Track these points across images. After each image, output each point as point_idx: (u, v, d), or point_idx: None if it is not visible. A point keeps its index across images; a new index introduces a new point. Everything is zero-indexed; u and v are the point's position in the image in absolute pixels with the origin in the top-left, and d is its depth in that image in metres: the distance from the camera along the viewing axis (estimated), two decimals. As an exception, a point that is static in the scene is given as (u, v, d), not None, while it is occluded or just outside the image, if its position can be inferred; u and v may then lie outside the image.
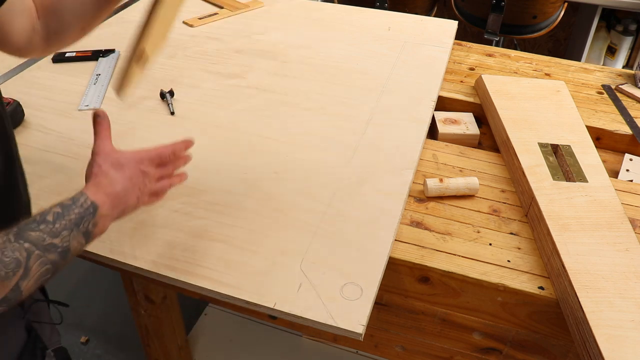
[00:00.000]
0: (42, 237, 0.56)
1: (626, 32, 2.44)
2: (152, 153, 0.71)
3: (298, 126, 1.06)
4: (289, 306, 0.71)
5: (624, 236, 0.82)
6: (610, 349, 0.67)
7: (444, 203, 0.94)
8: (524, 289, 0.80)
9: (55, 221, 0.58)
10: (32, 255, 0.55)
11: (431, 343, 0.97)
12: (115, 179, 0.66)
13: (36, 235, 0.56)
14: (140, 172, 0.69)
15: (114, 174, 0.67)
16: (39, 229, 0.57)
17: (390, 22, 1.47)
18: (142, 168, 0.69)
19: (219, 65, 1.26)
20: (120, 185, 0.66)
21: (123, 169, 0.68)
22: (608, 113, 1.18)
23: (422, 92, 1.17)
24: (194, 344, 1.61)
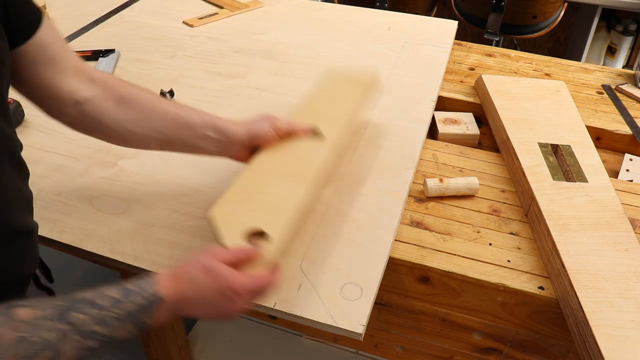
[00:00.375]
0: (87, 322, 0.51)
1: (626, 32, 2.44)
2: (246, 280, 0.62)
3: (298, 126, 1.06)
4: (289, 306, 0.71)
5: (624, 236, 0.82)
6: (610, 349, 0.67)
7: (444, 203, 0.94)
8: (524, 289, 0.80)
9: (110, 308, 0.53)
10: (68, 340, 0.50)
11: (431, 343, 0.97)
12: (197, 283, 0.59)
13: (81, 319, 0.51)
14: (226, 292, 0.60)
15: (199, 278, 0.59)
16: (88, 312, 0.52)
17: (390, 22, 1.47)
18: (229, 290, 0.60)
19: (219, 65, 1.26)
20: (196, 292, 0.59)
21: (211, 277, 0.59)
22: (608, 113, 1.18)
23: (422, 92, 1.17)
24: (194, 344, 1.61)
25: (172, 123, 0.75)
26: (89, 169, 0.94)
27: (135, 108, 0.74)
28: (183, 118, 0.76)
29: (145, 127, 0.75)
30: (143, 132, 0.75)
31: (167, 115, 0.75)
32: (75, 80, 0.71)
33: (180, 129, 0.76)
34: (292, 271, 0.76)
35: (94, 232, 0.82)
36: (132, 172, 0.94)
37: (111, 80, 0.75)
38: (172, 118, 0.75)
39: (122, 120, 0.74)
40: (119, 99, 0.74)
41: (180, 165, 0.95)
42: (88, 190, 0.90)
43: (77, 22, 1.43)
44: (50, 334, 0.49)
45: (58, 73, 0.69)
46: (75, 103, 0.71)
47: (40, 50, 0.66)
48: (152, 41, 1.36)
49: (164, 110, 0.75)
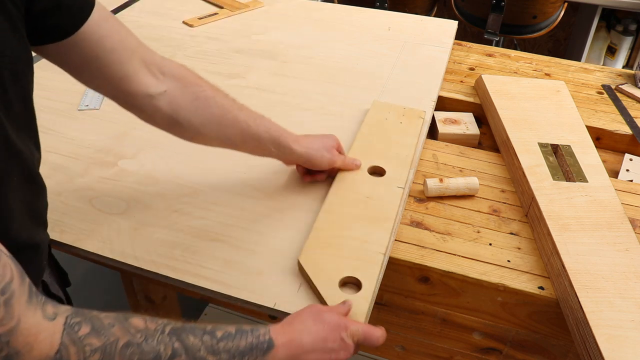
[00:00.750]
0: (198, 346, 0.52)
1: (626, 32, 2.44)
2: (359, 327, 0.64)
3: (298, 126, 1.06)
4: (289, 306, 0.71)
5: (624, 236, 0.82)
6: (610, 349, 0.67)
7: (444, 203, 0.94)
8: (524, 289, 0.80)
9: (222, 339, 0.53)
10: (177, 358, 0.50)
11: (431, 343, 0.97)
12: (309, 330, 0.59)
13: (193, 342, 0.51)
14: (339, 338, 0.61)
15: (311, 325, 0.60)
16: (201, 338, 0.52)
17: (390, 22, 1.47)
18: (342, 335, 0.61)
19: (219, 65, 1.26)
20: (310, 338, 0.59)
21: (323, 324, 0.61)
22: (608, 113, 1.18)
23: (422, 92, 1.17)
24: (194, 344, 1.61)
25: (240, 133, 0.77)
26: (89, 169, 0.94)
27: (208, 111, 0.74)
28: (251, 130, 0.77)
29: (215, 131, 0.76)
30: (212, 136, 0.76)
31: (237, 125, 0.76)
32: (145, 73, 0.69)
33: (247, 140, 0.78)
34: (292, 271, 0.76)
35: (94, 232, 0.82)
36: (132, 172, 0.94)
37: (183, 75, 0.73)
38: (242, 129, 0.77)
39: (194, 121, 0.73)
40: (193, 97, 0.73)
41: (180, 165, 0.95)
42: (88, 190, 0.90)
43: (77, 22, 1.43)
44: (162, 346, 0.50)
45: (123, 65, 0.66)
46: (148, 97, 0.70)
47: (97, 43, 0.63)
48: (152, 41, 1.36)
49: (235, 119, 0.76)
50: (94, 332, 0.48)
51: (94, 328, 0.48)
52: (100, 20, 0.63)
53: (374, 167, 0.92)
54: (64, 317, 0.48)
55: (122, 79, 0.67)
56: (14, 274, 0.45)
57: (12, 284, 0.44)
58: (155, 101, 0.70)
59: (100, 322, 0.49)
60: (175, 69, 0.73)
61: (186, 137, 0.77)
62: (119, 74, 0.67)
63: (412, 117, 1.05)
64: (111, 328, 0.49)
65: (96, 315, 0.50)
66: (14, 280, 0.45)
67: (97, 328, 0.48)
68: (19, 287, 0.45)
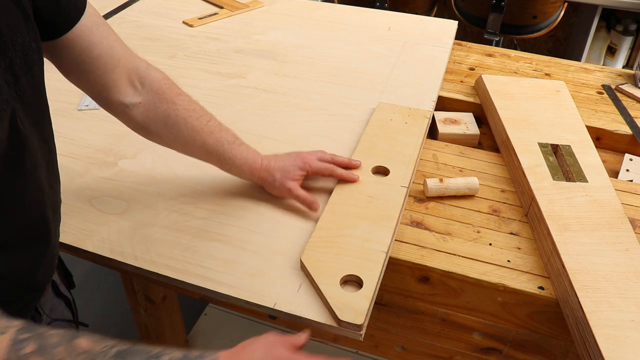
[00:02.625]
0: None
1: (626, 32, 2.44)
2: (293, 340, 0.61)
3: (298, 126, 1.06)
4: (289, 306, 0.71)
5: (624, 236, 0.82)
6: (610, 349, 0.67)
7: (444, 203, 0.94)
8: (524, 289, 0.80)
9: None
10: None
11: (431, 343, 0.97)
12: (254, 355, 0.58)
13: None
14: None
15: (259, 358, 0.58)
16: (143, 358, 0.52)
17: (390, 22, 1.47)
18: None
19: (219, 65, 1.26)
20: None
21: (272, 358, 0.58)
22: (608, 113, 1.18)
23: (422, 92, 1.17)
24: (194, 344, 1.61)
25: (206, 154, 0.82)
26: (89, 169, 0.94)
27: (177, 130, 0.78)
28: (216, 153, 0.82)
29: (182, 148, 0.82)
30: (180, 150, 0.82)
31: (203, 148, 0.81)
32: (125, 83, 0.73)
33: (211, 159, 0.83)
34: (292, 271, 0.76)
35: (94, 232, 0.82)
36: (132, 172, 0.94)
37: (162, 90, 0.77)
38: (207, 151, 0.81)
39: (163, 135, 0.79)
40: (164, 116, 0.77)
41: (180, 165, 0.95)
42: (88, 190, 0.90)
43: (77, 22, 1.43)
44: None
45: (106, 73, 0.70)
46: (123, 105, 0.74)
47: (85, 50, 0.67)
48: (152, 41, 1.36)
49: (203, 143, 0.80)
50: (39, 350, 0.48)
51: (40, 347, 0.48)
52: (92, 26, 0.67)
53: (377, 167, 0.93)
54: (13, 332, 0.48)
55: (103, 85, 0.71)
56: None
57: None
58: (129, 110, 0.75)
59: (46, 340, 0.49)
60: (156, 82, 0.76)
61: (157, 142, 0.82)
62: (101, 81, 0.70)
63: (417, 117, 1.05)
64: (56, 347, 0.49)
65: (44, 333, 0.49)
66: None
67: (42, 347, 0.48)
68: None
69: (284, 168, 0.85)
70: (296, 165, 0.85)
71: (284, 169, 0.85)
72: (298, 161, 0.86)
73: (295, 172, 0.85)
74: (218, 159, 0.82)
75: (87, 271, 1.88)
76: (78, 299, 0.86)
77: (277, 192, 0.86)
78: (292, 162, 0.86)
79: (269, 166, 0.85)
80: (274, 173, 0.85)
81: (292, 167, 0.85)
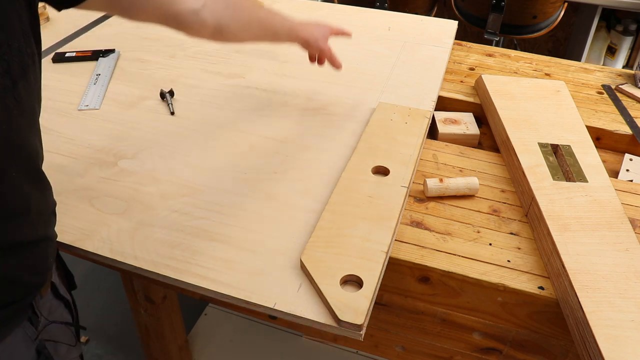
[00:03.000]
0: None
1: (626, 32, 2.44)
2: None
3: (298, 126, 1.06)
4: (289, 306, 0.71)
5: (624, 236, 0.82)
6: (610, 349, 0.67)
7: (444, 203, 0.94)
8: (524, 289, 0.80)
9: None
10: None
11: (431, 343, 0.97)
12: None
13: None
14: None
15: None
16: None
17: (390, 22, 1.47)
18: None
19: (219, 65, 1.26)
20: None
21: None
22: (608, 113, 1.18)
23: (422, 92, 1.17)
24: (194, 344, 1.61)
25: (264, 31, 0.92)
26: (89, 169, 0.94)
27: (238, 15, 0.85)
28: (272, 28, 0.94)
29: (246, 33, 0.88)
30: (243, 37, 0.89)
31: (262, 25, 0.91)
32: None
33: (269, 36, 0.95)
34: (292, 271, 0.76)
35: (94, 232, 0.82)
36: (132, 172, 0.94)
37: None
38: (265, 27, 0.92)
39: (232, 26, 0.84)
40: (225, 5, 0.82)
41: (180, 165, 0.95)
42: (88, 190, 0.90)
43: (77, 22, 1.43)
44: None
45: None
46: (194, 13, 0.77)
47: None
48: (152, 41, 1.36)
49: (259, 19, 0.90)
50: None
51: None
52: None
53: (377, 167, 0.93)
54: None
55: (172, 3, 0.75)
56: None
57: None
58: (201, 14, 0.78)
59: None
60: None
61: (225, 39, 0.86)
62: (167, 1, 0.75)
63: (417, 117, 1.05)
64: None
65: None
66: None
67: None
68: None
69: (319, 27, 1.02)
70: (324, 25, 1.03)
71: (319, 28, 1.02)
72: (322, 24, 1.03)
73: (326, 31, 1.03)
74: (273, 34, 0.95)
75: (87, 271, 1.88)
76: (78, 299, 0.86)
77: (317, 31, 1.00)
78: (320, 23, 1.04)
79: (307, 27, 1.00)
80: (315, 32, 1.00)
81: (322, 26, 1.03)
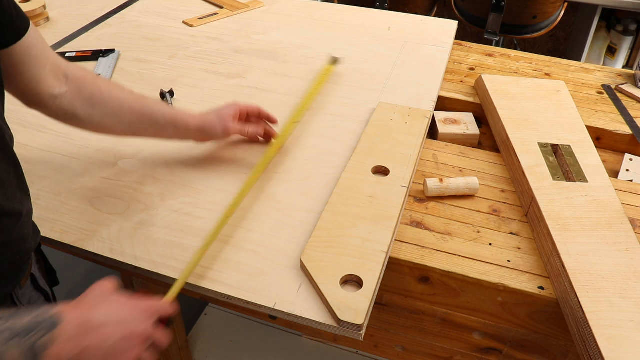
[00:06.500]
0: None
1: (626, 32, 2.44)
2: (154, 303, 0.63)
3: (298, 126, 1.06)
4: (289, 306, 0.71)
5: (624, 236, 0.82)
6: (610, 349, 0.67)
7: (444, 203, 0.94)
8: (524, 289, 0.80)
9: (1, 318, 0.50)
10: None
11: (431, 343, 0.97)
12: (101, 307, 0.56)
13: None
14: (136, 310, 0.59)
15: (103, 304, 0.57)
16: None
17: (390, 22, 1.47)
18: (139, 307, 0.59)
19: (219, 65, 1.26)
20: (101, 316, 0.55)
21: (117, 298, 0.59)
22: (608, 113, 1.18)
23: (422, 92, 1.17)
24: (194, 344, 1.61)
25: (138, 120, 0.85)
26: (89, 169, 0.94)
27: (103, 106, 0.82)
28: (147, 115, 0.85)
29: (114, 122, 0.84)
30: (112, 126, 0.84)
31: (134, 113, 0.84)
32: (52, 77, 0.78)
33: (145, 124, 0.86)
34: (292, 271, 0.76)
35: (94, 232, 0.82)
36: (132, 172, 0.94)
37: (84, 77, 0.82)
38: (138, 115, 0.85)
39: (92, 115, 0.82)
40: (89, 96, 0.81)
41: (180, 165, 0.95)
42: (88, 190, 0.90)
43: (77, 22, 1.43)
44: None
45: (40, 70, 0.75)
46: (52, 97, 0.78)
47: (27, 50, 0.72)
48: (152, 41, 1.36)
49: (130, 109, 0.84)
50: None
51: None
52: (31, 31, 0.72)
53: (377, 167, 0.93)
54: None
55: (36, 81, 0.76)
56: None
57: None
58: (58, 101, 0.79)
59: None
60: (77, 72, 0.82)
61: (89, 129, 0.84)
62: (36, 77, 0.75)
63: (417, 117, 1.05)
64: None
65: None
66: None
67: None
68: None
69: (217, 111, 0.91)
70: (226, 106, 0.92)
71: (217, 112, 0.91)
72: (229, 103, 0.92)
73: (228, 110, 0.91)
74: (150, 122, 0.86)
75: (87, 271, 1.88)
76: (78, 298, 0.86)
77: (219, 134, 0.91)
78: (222, 106, 0.92)
79: (201, 115, 0.90)
80: (209, 117, 0.90)
81: (223, 108, 0.91)
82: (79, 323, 0.53)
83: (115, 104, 0.83)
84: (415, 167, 0.96)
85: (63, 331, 0.52)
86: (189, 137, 0.91)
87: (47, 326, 0.51)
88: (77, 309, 0.55)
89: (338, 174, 0.93)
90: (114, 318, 0.56)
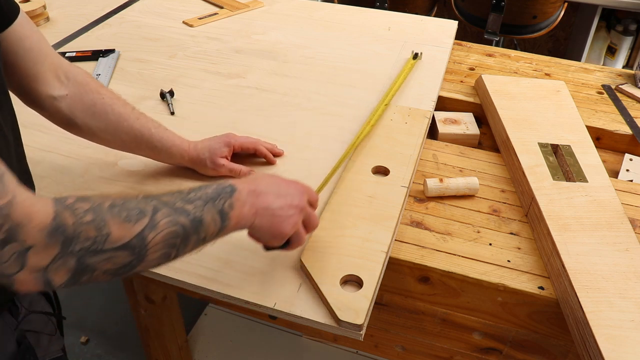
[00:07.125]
0: (173, 200, 0.55)
1: (626, 32, 2.44)
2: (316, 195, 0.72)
3: (298, 126, 1.06)
4: (289, 306, 0.71)
5: (624, 236, 0.82)
6: (610, 349, 0.67)
7: (444, 203, 0.94)
8: (524, 289, 0.80)
9: (189, 192, 0.58)
10: (160, 211, 0.53)
11: (431, 343, 0.97)
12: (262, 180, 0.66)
13: (167, 198, 0.55)
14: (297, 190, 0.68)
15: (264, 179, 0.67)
16: (173, 195, 0.56)
17: (390, 22, 1.47)
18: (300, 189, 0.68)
19: (219, 65, 1.26)
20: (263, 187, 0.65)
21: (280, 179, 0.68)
22: (608, 113, 1.18)
23: (422, 92, 1.17)
24: (194, 344, 1.61)
25: (135, 140, 0.84)
26: (89, 169, 0.94)
27: (103, 119, 0.81)
28: (145, 137, 0.84)
29: (111, 136, 0.83)
30: (108, 140, 0.84)
31: (132, 132, 0.83)
32: (52, 76, 0.76)
33: (141, 146, 0.85)
34: (292, 271, 0.76)
35: (94, 232, 0.82)
36: (132, 172, 0.93)
37: (86, 82, 0.80)
38: (136, 135, 0.84)
39: (91, 126, 0.81)
40: (90, 104, 0.79)
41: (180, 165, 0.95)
42: (88, 190, 0.89)
43: (77, 22, 1.43)
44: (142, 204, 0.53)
45: (35, 65, 0.73)
46: (51, 98, 0.76)
47: (19, 42, 0.70)
48: (152, 41, 1.36)
49: (130, 127, 0.83)
50: (80, 200, 0.51)
51: (79, 198, 0.52)
52: (24, 22, 0.70)
53: (377, 167, 0.93)
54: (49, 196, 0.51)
55: (32, 76, 0.74)
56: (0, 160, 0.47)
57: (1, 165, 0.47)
58: (57, 103, 0.77)
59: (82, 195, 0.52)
60: (80, 76, 0.80)
61: (84, 137, 0.83)
62: (31, 72, 0.73)
63: (417, 117, 1.05)
64: (94, 197, 0.52)
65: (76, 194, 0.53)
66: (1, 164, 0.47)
67: (82, 198, 0.52)
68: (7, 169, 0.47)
69: (211, 147, 0.89)
70: (222, 142, 0.90)
71: (211, 148, 0.89)
72: (223, 138, 0.90)
73: (222, 149, 0.89)
74: (147, 144, 0.85)
75: (87, 271, 1.88)
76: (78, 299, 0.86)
77: (209, 171, 0.89)
78: (217, 140, 0.90)
79: (196, 147, 0.89)
80: (202, 153, 0.88)
81: (217, 144, 0.89)
82: (249, 190, 0.63)
83: (116, 119, 0.81)
84: (415, 167, 0.96)
85: (239, 197, 0.61)
86: (181, 164, 0.91)
87: (228, 192, 0.60)
88: (244, 182, 0.64)
89: (338, 174, 0.93)
90: (274, 190, 0.65)
